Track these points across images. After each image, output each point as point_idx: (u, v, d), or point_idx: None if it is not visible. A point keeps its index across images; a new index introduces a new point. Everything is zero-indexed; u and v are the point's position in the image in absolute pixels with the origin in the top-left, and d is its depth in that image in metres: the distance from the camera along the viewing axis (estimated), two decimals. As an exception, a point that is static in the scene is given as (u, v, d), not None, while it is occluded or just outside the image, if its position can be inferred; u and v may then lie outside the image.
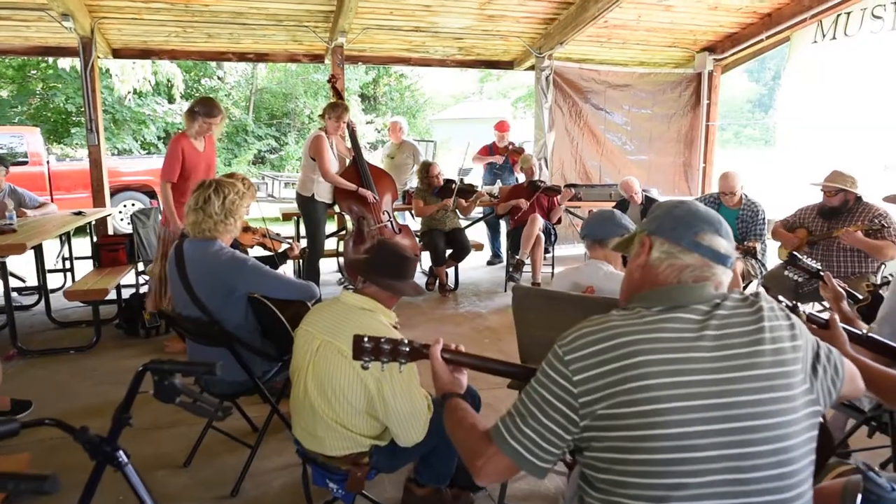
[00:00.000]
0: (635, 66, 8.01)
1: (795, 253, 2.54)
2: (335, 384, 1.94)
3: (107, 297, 4.48)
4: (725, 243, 1.26)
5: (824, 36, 6.37)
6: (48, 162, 9.66)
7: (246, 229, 3.70)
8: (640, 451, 1.09)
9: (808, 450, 1.14)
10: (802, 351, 1.18)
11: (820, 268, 2.46)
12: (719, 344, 1.14)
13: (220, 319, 2.47)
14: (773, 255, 4.88)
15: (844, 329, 1.69)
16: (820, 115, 6.47)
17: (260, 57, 7.59)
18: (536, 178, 6.15)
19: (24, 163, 9.32)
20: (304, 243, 5.37)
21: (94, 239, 5.65)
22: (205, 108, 4.35)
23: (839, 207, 4.04)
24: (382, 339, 1.37)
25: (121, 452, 1.42)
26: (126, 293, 5.05)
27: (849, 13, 6.10)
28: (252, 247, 3.76)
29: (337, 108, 5.09)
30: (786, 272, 2.58)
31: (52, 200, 9.22)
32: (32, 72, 14.84)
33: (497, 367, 1.44)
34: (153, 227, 5.25)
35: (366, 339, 1.37)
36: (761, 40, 7.11)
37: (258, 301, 2.53)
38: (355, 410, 1.96)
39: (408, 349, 1.38)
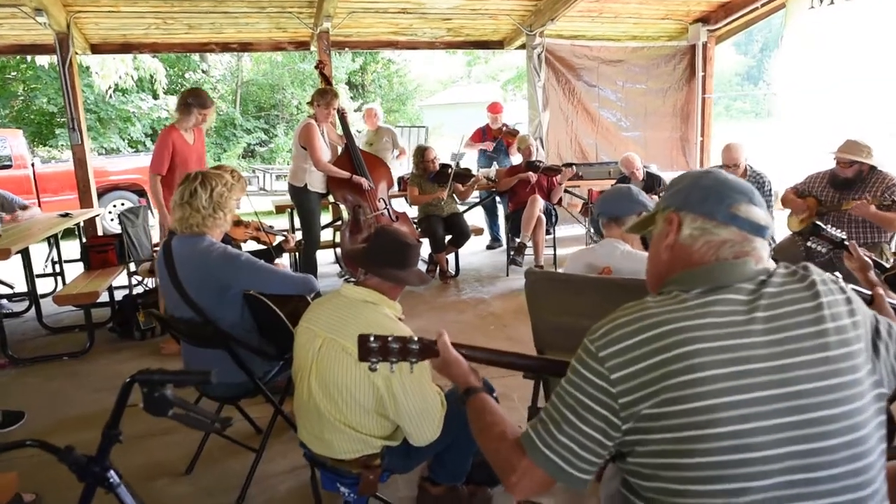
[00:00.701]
0: (628, 41, 7.84)
1: (819, 223, 2.42)
2: (341, 384, 1.81)
3: (98, 300, 4.34)
4: (762, 213, 1.13)
5: (821, 1, 6.22)
6: (33, 164, 9.46)
7: (238, 223, 3.56)
8: (692, 453, 0.96)
9: (878, 438, 1.01)
10: (863, 327, 1.06)
11: (844, 237, 2.34)
12: (773, 326, 1.00)
13: (215, 319, 2.33)
14: (779, 226, 4.77)
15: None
16: (821, 81, 6.33)
17: (244, 46, 7.38)
18: (534, 158, 6.00)
19: (9, 166, 9.11)
20: (299, 235, 5.24)
21: (84, 241, 5.49)
22: (198, 99, 4.33)
23: (853, 178, 3.91)
24: (390, 338, 1.24)
25: (112, 473, 1.29)
26: (119, 295, 4.91)
27: (847, -25, 5.95)
28: (245, 241, 3.61)
29: (326, 94, 4.92)
30: (809, 243, 2.46)
31: (39, 203, 9.11)
32: (12, 73, 14.51)
33: (514, 361, 1.31)
34: (142, 227, 5.10)
35: (372, 339, 1.24)
36: (756, 8, 6.96)
37: (254, 298, 2.39)
38: (364, 410, 1.84)
39: (418, 347, 1.25)
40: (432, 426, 1.87)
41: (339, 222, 6.26)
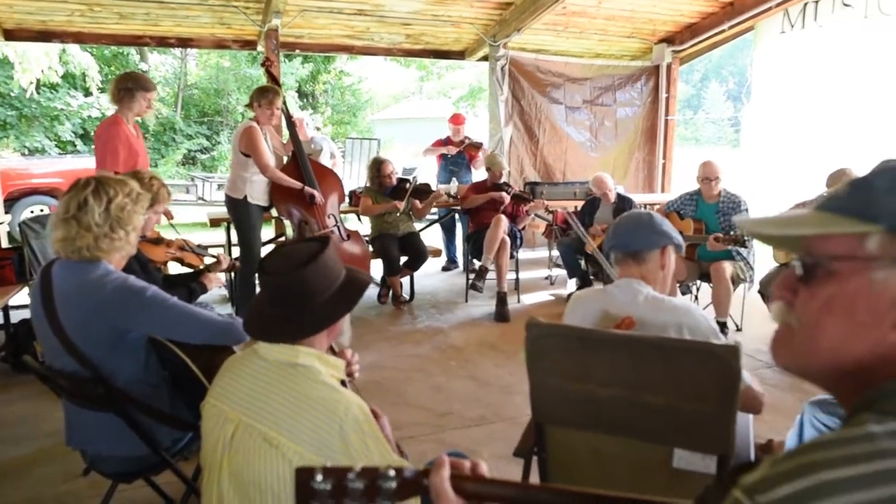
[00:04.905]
0: (591, 58, 7.58)
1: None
2: (265, 487, 1.24)
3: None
4: None
5: (792, 26, 6.07)
6: (-63, 163, 8.47)
7: (158, 242, 2.96)
8: None
9: None
10: None
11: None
12: None
13: (107, 373, 1.75)
14: (761, 256, 4.48)
15: None
16: (791, 108, 6.16)
17: (183, 42, 6.71)
18: (503, 180, 5.53)
19: None
20: (236, 253, 4.64)
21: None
22: (139, 82, 3.87)
23: None
24: (350, 475, 0.72)
25: None
26: (16, 317, 4.18)
27: (817, 1, 5.81)
28: (166, 263, 3.02)
29: (266, 92, 4.35)
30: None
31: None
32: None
33: (554, 500, 0.81)
34: (50, 238, 4.39)
35: (319, 477, 0.71)
36: (723, 31, 6.81)
37: (161, 343, 1.83)
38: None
39: (395, 485, 0.73)
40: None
41: (283, 239, 5.67)
